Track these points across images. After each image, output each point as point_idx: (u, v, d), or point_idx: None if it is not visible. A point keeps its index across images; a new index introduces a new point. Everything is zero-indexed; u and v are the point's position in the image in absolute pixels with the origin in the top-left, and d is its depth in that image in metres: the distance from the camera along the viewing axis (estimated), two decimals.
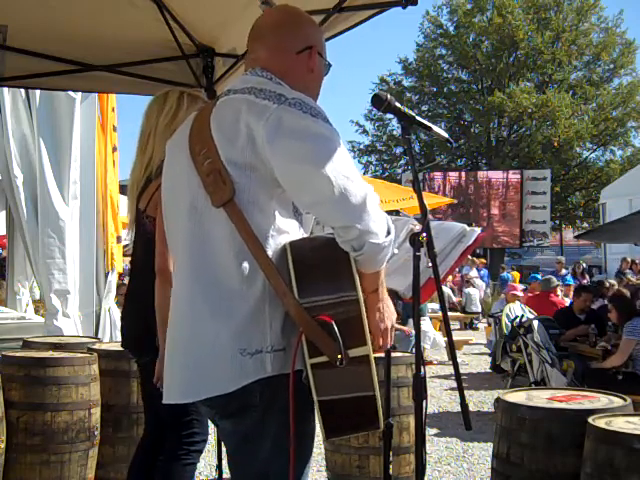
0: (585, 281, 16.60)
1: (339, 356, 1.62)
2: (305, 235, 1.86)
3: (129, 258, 3.30)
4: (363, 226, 1.66)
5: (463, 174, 27.74)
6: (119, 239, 7.08)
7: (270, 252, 1.73)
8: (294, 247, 1.73)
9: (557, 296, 9.28)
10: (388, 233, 1.72)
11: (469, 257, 17.25)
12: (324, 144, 1.71)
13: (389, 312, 1.82)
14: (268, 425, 1.76)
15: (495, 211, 25.79)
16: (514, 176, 25.71)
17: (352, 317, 1.66)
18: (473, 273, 17.28)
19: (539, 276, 11.88)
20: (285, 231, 1.77)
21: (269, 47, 1.91)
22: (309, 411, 1.75)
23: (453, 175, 27.22)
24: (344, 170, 1.69)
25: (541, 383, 6.76)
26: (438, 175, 27.06)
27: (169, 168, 1.99)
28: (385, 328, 1.80)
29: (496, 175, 26.29)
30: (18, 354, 4.14)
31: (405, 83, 34.08)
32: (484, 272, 18.88)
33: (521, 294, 10.24)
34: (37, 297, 7.73)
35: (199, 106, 2.71)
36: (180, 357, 1.83)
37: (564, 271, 17.29)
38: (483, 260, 20.75)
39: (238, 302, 1.72)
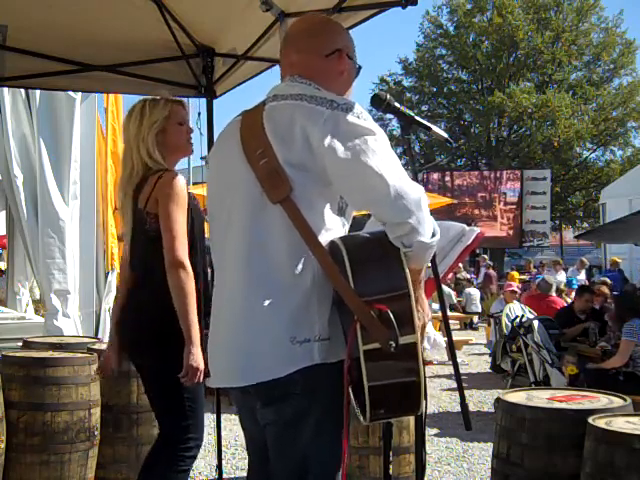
0: None
1: (391, 342, 1.68)
2: (346, 233, 1.94)
3: None
4: (415, 222, 1.74)
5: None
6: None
7: None
8: (347, 243, 1.79)
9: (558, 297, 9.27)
10: (433, 235, 1.81)
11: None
12: (377, 146, 1.81)
13: (424, 310, 1.87)
14: (309, 412, 1.83)
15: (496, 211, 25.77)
16: (513, 176, 25.69)
17: (403, 308, 1.73)
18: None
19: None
20: (330, 228, 1.87)
21: (299, 50, 2.01)
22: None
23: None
24: (396, 170, 1.79)
25: (542, 383, 6.75)
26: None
27: (219, 168, 2.07)
28: (422, 324, 1.86)
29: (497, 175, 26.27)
30: (18, 354, 4.14)
31: (405, 83, 34.06)
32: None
33: (517, 290, 10.21)
34: (37, 297, 7.72)
35: (161, 107, 2.87)
36: (233, 343, 1.90)
37: None
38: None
39: (289, 293, 1.82)
